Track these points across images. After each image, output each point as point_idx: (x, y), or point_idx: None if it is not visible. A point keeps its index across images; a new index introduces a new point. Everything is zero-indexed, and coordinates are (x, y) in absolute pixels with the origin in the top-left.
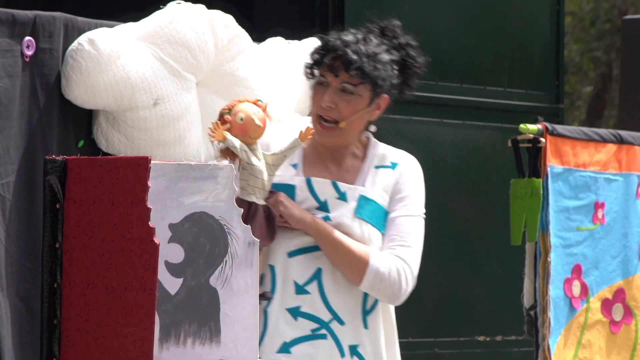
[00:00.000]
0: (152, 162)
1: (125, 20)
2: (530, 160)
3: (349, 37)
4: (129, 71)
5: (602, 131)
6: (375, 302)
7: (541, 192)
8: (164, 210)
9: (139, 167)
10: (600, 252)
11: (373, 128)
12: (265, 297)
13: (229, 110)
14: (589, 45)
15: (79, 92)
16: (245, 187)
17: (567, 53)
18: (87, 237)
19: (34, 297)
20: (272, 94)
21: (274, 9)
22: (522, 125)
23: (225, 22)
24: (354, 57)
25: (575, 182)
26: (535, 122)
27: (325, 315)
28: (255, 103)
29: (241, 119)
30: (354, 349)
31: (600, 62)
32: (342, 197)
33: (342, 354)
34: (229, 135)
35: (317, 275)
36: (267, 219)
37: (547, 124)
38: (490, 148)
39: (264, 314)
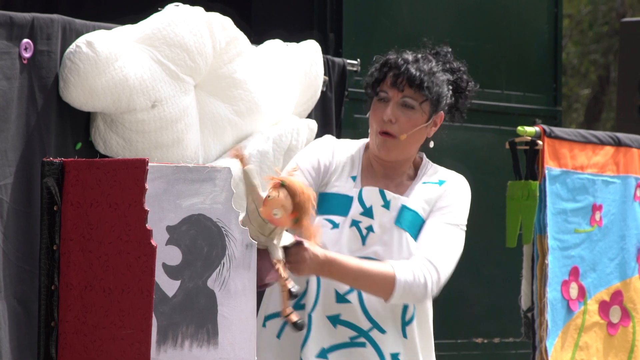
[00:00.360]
0: (149, 164)
1: (123, 22)
2: (528, 163)
3: (408, 56)
4: (127, 73)
5: (600, 133)
6: (414, 313)
7: (537, 194)
8: (162, 212)
9: (137, 169)
10: (598, 254)
11: (431, 144)
12: (297, 326)
13: (280, 181)
14: (587, 47)
15: (77, 95)
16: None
17: (565, 56)
18: (85, 240)
19: (32, 300)
20: (271, 96)
21: (272, 11)
22: (519, 128)
23: (223, 25)
24: (417, 73)
25: (572, 184)
26: (533, 124)
27: (365, 324)
28: (308, 210)
29: (275, 214)
30: (395, 357)
31: (598, 65)
32: (386, 205)
33: None
34: (252, 171)
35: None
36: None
37: (545, 127)
38: (488, 150)
39: (309, 318)
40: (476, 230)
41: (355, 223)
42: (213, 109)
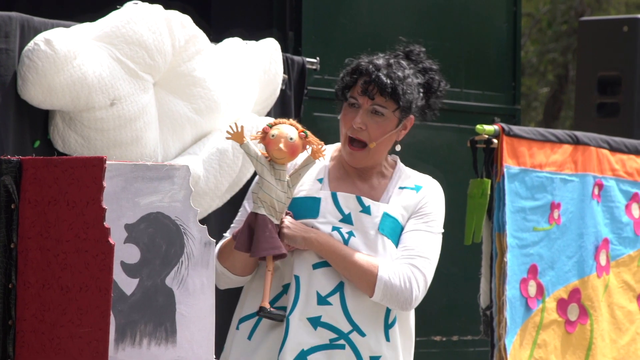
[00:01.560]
0: (108, 162)
1: (82, 20)
2: (485, 161)
3: (380, 61)
4: (86, 71)
5: (559, 132)
6: (396, 316)
7: (489, 192)
8: (120, 210)
9: (95, 167)
10: (556, 252)
11: (398, 147)
12: (279, 316)
13: (274, 124)
14: (546, 46)
15: (35, 93)
16: (255, 199)
17: (523, 54)
18: (43, 238)
19: None
20: (230, 95)
21: (232, 10)
22: (478, 126)
23: (182, 23)
24: (388, 81)
25: (531, 182)
26: (492, 123)
27: (345, 327)
28: (300, 132)
29: (272, 135)
30: None
31: (556, 64)
32: (366, 210)
33: None
34: (249, 143)
35: (339, 288)
36: (278, 234)
37: (504, 125)
38: (447, 149)
39: (286, 322)
40: None
41: (336, 228)
42: (172, 107)
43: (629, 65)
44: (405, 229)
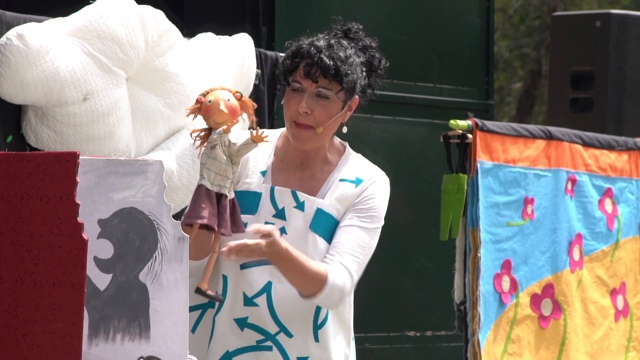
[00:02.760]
0: (81, 157)
1: (54, 15)
2: (459, 156)
3: (321, 42)
4: (58, 66)
5: (532, 127)
6: (326, 316)
7: (465, 188)
8: (93, 205)
9: (68, 162)
10: (530, 247)
11: (345, 129)
12: (217, 298)
13: (206, 93)
14: (519, 41)
15: (8, 87)
16: (202, 170)
17: (496, 49)
18: (15, 233)
19: None
20: (203, 90)
21: (205, 5)
22: (452, 121)
23: (155, 18)
24: (330, 62)
25: (505, 177)
26: (465, 118)
27: (272, 328)
28: (234, 94)
29: (209, 101)
30: None
31: (529, 59)
32: (300, 206)
33: None
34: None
35: (266, 289)
36: (230, 208)
37: (477, 120)
38: (420, 144)
39: (212, 322)
40: (409, 224)
41: (268, 224)
42: (145, 102)
43: (601, 60)
44: (341, 223)
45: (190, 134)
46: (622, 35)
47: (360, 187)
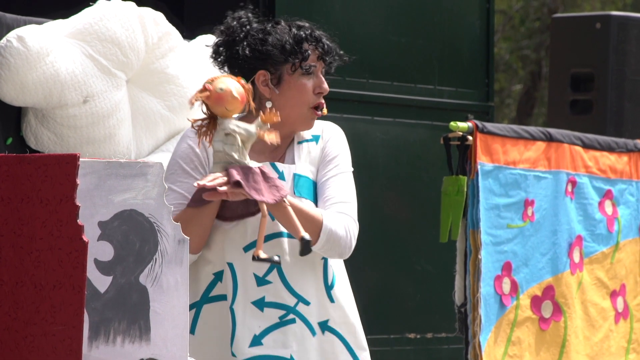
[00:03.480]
0: (81, 159)
1: (54, 17)
2: (459, 158)
3: (303, 22)
4: (59, 68)
5: (532, 129)
6: (334, 276)
7: (465, 189)
8: (93, 208)
9: (68, 164)
10: (530, 249)
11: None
12: (275, 261)
13: (212, 81)
14: (519, 43)
15: (8, 90)
16: (219, 157)
17: (496, 51)
18: (16, 235)
19: None
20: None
21: (205, 7)
22: (452, 123)
23: (155, 20)
24: (329, 43)
25: (505, 179)
26: (465, 120)
27: (291, 300)
28: (238, 80)
29: (221, 89)
30: (324, 325)
31: (529, 60)
32: (281, 176)
33: (313, 333)
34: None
35: (275, 265)
36: (262, 177)
37: (477, 122)
38: (420, 146)
39: (231, 312)
40: (409, 225)
41: None
42: (145, 104)
43: (601, 62)
44: (320, 179)
45: (192, 124)
46: (622, 37)
47: (321, 142)
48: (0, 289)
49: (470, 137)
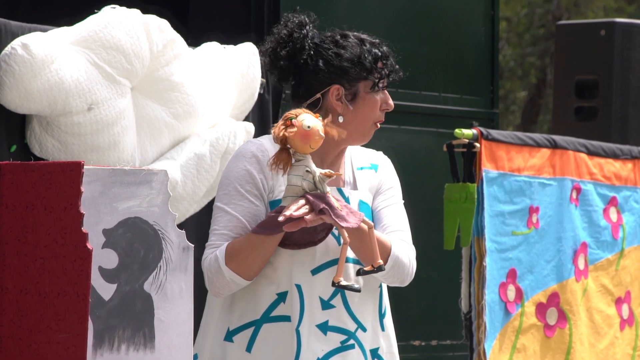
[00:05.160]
0: (85, 167)
1: (59, 24)
2: (465, 165)
3: (372, 39)
4: (63, 76)
5: (537, 136)
6: (386, 305)
7: (475, 196)
8: (98, 215)
9: (72, 172)
10: (535, 256)
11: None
12: (354, 288)
13: (296, 115)
14: (524, 50)
15: (12, 97)
16: (292, 191)
17: (501, 58)
18: (20, 243)
19: None
20: (208, 99)
21: (210, 14)
22: (457, 130)
23: (160, 27)
24: (394, 60)
25: (510, 186)
26: (470, 127)
27: (352, 325)
28: (317, 117)
29: (308, 127)
30: (374, 353)
31: (534, 67)
32: (347, 201)
33: (366, 359)
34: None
35: (340, 289)
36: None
37: (482, 129)
38: (425, 153)
39: (296, 333)
40: (414, 233)
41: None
42: (150, 111)
43: (606, 69)
44: (377, 207)
45: (272, 164)
46: (626, 44)
47: (380, 171)
48: (4, 297)
49: (476, 144)
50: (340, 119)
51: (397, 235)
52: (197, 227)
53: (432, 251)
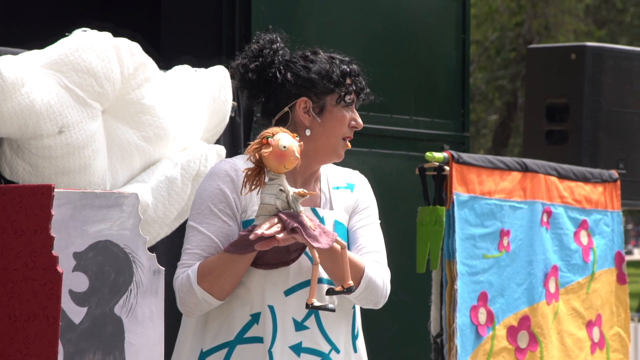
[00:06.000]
0: (56, 190)
1: (30, 47)
2: (436, 188)
3: (342, 57)
4: (34, 99)
5: (507, 159)
6: (359, 326)
7: (444, 220)
8: (68, 238)
9: (43, 195)
10: (506, 279)
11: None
12: (328, 308)
13: (272, 134)
14: (495, 73)
15: None
16: (264, 209)
17: (472, 81)
18: None
19: None
20: (179, 122)
21: (181, 37)
22: (428, 154)
23: (131, 50)
24: (363, 79)
25: (481, 209)
26: (441, 150)
27: (325, 347)
28: (294, 137)
29: (284, 147)
30: None
31: (505, 91)
32: (322, 221)
33: None
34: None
35: (314, 310)
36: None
37: (453, 152)
38: (396, 176)
39: (269, 355)
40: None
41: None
42: (121, 134)
43: (576, 92)
44: (352, 227)
45: (245, 182)
46: (597, 68)
47: (356, 191)
48: None
49: (447, 167)
50: (308, 132)
51: (372, 256)
52: (168, 251)
53: (404, 274)
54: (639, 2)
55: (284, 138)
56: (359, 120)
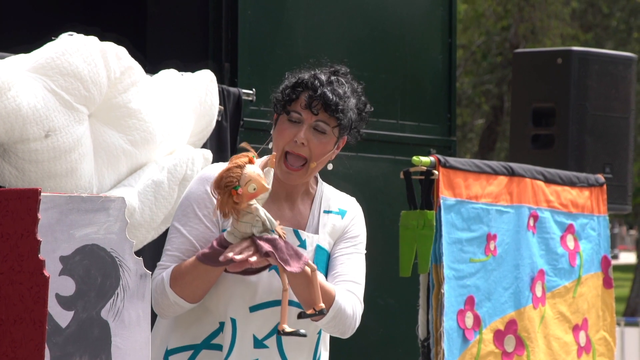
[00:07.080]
0: (42, 194)
1: (16, 51)
2: (423, 192)
3: (322, 76)
4: (20, 103)
5: (494, 163)
6: (321, 351)
7: (434, 223)
8: (55, 242)
9: (29, 199)
10: (493, 283)
11: (330, 166)
12: (300, 334)
13: (237, 180)
14: (481, 78)
15: None
16: (244, 235)
17: (459, 86)
18: None
19: None
20: (166, 126)
21: (167, 41)
22: (414, 158)
23: (118, 54)
24: (333, 97)
25: (467, 214)
26: (427, 154)
27: None
28: (250, 160)
29: (254, 189)
30: None
31: (491, 95)
32: (303, 244)
33: None
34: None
35: (276, 330)
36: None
37: (440, 156)
38: (383, 180)
39: None
40: (371, 260)
41: (274, 267)
42: (107, 138)
43: (563, 96)
44: (335, 253)
45: (216, 210)
46: (583, 72)
47: (347, 218)
48: None
49: (435, 172)
50: (270, 145)
51: (347, 285)
52: (155, 255)
53: (389, 278)
54: (625, 7)
55: (252, 178)
56: (301, 135)
